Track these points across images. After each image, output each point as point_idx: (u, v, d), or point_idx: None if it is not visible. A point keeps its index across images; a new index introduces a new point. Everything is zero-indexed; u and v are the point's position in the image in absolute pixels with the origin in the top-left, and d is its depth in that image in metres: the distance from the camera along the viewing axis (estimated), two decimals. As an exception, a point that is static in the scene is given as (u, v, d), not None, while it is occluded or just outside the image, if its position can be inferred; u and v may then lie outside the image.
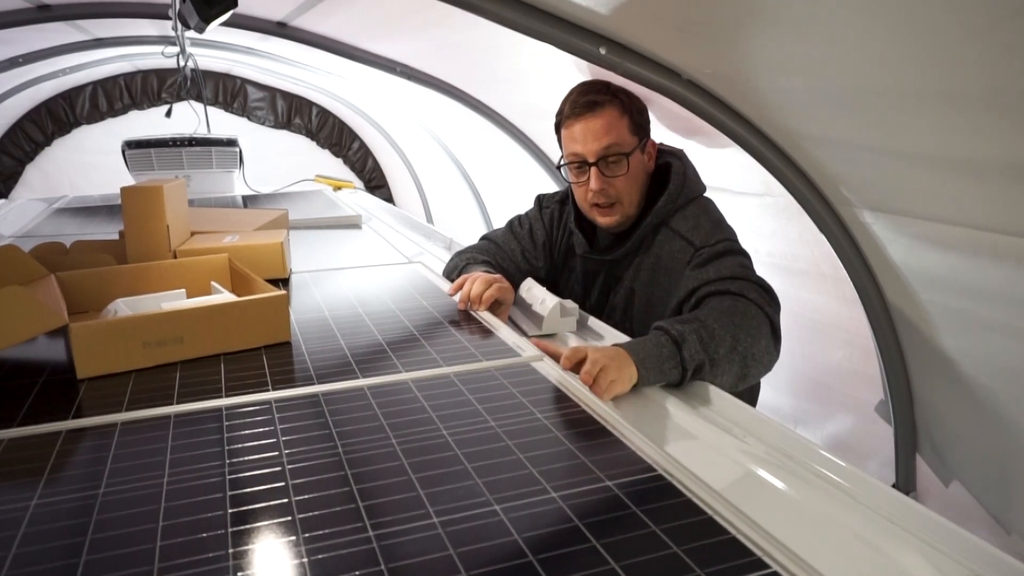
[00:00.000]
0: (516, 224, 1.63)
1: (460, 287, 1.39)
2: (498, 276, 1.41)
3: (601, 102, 1.36)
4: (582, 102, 1.38)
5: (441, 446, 0.84)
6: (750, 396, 1.47)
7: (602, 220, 1.43)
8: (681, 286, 1.31)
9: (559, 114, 1.45)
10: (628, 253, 1.45)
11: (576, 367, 1.06)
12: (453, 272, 1.60)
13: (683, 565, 0.62)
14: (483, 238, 1.67)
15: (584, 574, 0.61)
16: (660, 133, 1.88)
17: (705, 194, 1.47)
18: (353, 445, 0.84)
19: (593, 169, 1.37)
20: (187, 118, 3.94)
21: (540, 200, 1.66)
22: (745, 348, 1.13)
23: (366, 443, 0.85)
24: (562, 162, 1.45)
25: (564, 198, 1.61)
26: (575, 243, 1.55)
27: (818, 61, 1.11)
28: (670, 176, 1.42)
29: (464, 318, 1.35)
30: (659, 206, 1.39)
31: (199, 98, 4.12)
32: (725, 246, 1.32)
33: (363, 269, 1.80)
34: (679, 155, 1.48)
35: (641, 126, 1.42)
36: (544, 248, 1.59)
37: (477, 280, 1.37)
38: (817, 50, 1.08)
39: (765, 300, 1.22)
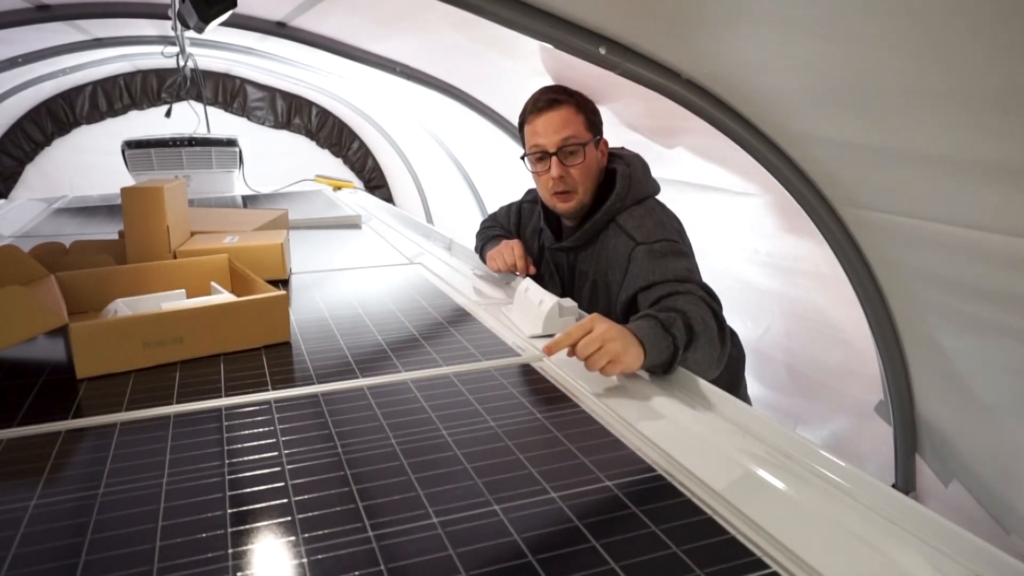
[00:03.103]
0: (511, 205, 1.90)
1: (500, 268, 1.67)
2: (513, 242, 1.68)
3: (561, 100, 1.53)
4: (544, 100, 1.55)
5: (441, 446, 0.84)
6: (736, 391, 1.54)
7: (562, 207, 1.57)
8: (629, 282, 1.42)
9: (522, 113, 1.61)
10: (581, 245, 1.59)
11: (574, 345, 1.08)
12: (482, 253, 1.84)
13: (683, 565, 0.62)
14: (491, 216, 1.96)
15: (584, 574, 0.61)
16: (657, 132, 1.88)
17: (658, 196, 1.59)
18: (353, 445, 0.84)
19: (553, 158, 1.52)
20: (187, 118, 3.94)
21: (529, 191, 1.87)
22: (712, 334, 1.22)
23: (366, 443, 0.85)
24: (525, 154, 1.60)
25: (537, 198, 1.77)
26: (544, 239, 1.72)
27: (818, 61, 1.11)
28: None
29: (464, 319, 1.35)
30: (607, 206, 1.52)
31: (199, 98, 4.12)
32: (666, 246, 1.42)
33: (363, 270, 1.80)
34: (627, 159, 1.58)
35: (595, 124, 1.57)
36: (514, 231, 1.85)
37: (504, 252, 1.65)
38: (817, 50, 1.08)
39: (710, 299, 1.31)
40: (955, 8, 0.81)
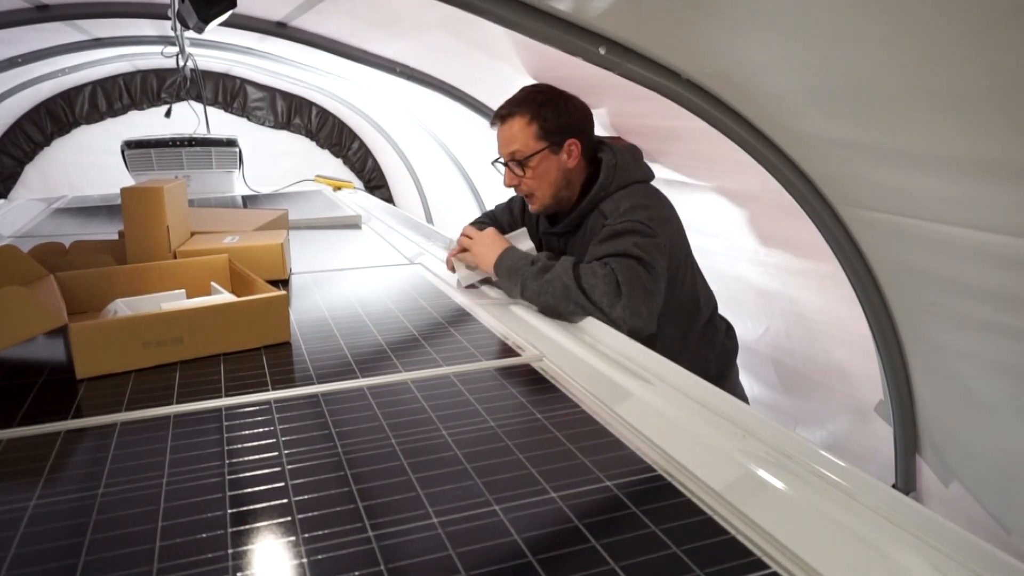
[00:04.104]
0: (512, 199, 1.97)
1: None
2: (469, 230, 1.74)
3: (510, 113, 1.63)
4: (497, 113, 1.66)
5: (441, 446, 0.84)
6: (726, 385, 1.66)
7: (530, 206, 1.70)
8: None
9: None
10: (568, 231, 1.69)
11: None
12: None
13: (683, 565, 0.62)
14: (487, 212, 2.04)
15: (584, 574, 0.61)
16: (656, 132, 1.88)
17: (651, 183, 1.66)
18: (353, 445, 0.84)
19: (505, 168, 1.67)
20: (187, 118, 3.94)
21: None
22: (570, 293, 1.37)
23: (366, 443, 0.85)
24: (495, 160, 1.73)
25: None
26: (542, 224, 1.82)
27: (818, 61, 1.11)
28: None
29: (464, 319, 1.35)
30: (591, 194, 1.60)
31: (199, 98, 4.12)
32: (626, 226, 1.48)
33: (363, 270, 1.80)
34: (615, 149, 1.64)
35: (554, 131, 1.61)
36: (519, 221, 1.92)
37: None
38: (817, 50, 1.08)
39: (628, 271, 1.40)
40: (955, 9, 0.81)
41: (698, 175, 1.97)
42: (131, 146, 3.47)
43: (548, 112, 1.61)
